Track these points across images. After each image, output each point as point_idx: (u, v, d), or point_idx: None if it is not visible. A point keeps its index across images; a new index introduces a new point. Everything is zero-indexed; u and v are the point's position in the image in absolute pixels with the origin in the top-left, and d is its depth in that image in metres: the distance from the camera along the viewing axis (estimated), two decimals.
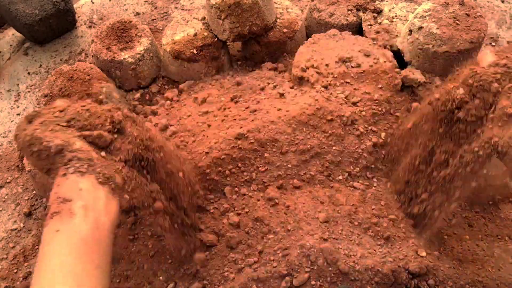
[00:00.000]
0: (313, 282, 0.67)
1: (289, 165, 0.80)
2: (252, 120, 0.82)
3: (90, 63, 1.01)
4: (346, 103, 0.84)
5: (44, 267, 0.43)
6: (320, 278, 0.67)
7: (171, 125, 0.89)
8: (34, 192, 0.88)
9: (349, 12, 1.02)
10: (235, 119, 0.84)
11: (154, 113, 0.95)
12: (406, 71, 0.90)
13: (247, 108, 0.86)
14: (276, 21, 1.00)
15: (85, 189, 0.48)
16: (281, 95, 0.88)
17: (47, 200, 0.50)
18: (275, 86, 0.92)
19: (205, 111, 0.90)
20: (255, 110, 0.85)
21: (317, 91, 0.85)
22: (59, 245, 0.44)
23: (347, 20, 1.00)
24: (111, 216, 0.49)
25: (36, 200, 0.87)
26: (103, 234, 0.47)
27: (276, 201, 0.76)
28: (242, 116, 0.84)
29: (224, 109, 0.89)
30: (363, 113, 0.83)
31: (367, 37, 0.97)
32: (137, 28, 1.01)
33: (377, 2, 1.04)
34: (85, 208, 0.47)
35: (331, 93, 0.85)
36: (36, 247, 0.81)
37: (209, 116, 0.88)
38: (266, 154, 0.79)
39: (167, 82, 1.04)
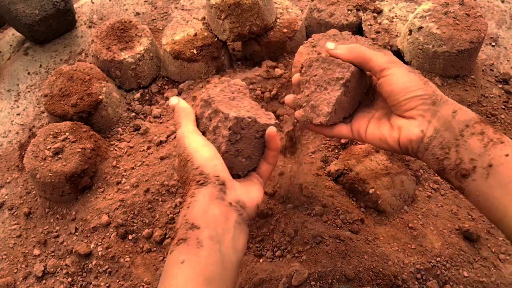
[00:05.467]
0: (312, 283, 0.67)
1: None
2: None
3: (90, 63, 1.01)
4: None
5: None
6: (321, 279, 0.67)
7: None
8: (34, 192, 0.88)
9: (349, 12, 1.02)
10: None
11: (156, 116, 0.96)
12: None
13: None
14: (276, 21, 1.00)
15: (215, 217, 0.46)
16: None
17: (176, 224, 0.48)
18: None
19: None
20: None
21: None
22: (184, 281, 0.42)
23: (347, 20, 1.00)
24: (238, 254, 0.47)
25: (36, 200, 0.87)
26: (228, 274, 0.45)
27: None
28: None
29: None
30: None
31: (367, 37, 0.97)
32: (137, 28, 1.01)
33: (377, 2, 1.04)
34: (212, 239, 0.44)
35: None
36: (36, 247, 0.81)
37: None
38: None
39: (167, 82, 1.04)
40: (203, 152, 0.50)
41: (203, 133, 0.55)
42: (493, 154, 0.45)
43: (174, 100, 0.58)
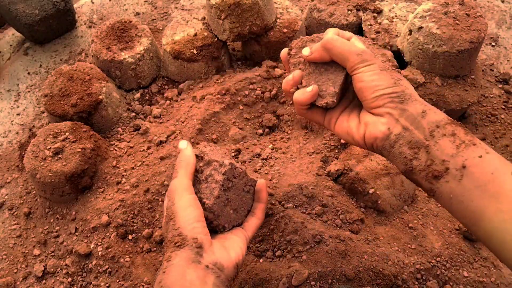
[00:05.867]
0: (312, 283, 0.67)
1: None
2: None
3: (90, 63, 1.01)
4: None
5: None
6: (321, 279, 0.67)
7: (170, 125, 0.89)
8: (34, 192, 0.88)
9: (349, 12, 1.02)
10: None
11: (156, 116, 0.96)
12: (406, 71, 0.90)
13: None
14: (276, 21, 1.00)
15: (192, 282, 0.45)
16: None
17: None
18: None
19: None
20: None
21: None
22: None
23: (347, 20, 1.00)
24: None
25: (36, 200, 0.87)
26: None
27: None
28: None
29: None
30: None
31: (367, 37, 0.97)
32: (137, 28, 1.01)
33: (377, 2, 1.04)
34: None
35: None
36: (36, 247, 0.81)
37: None
38: None
39: (167, 82, 1.04)
40: (188, 213, 0.51)
41: (194, 185, 0.56)
42: (466, 155, 0.44)
43: (182, 145, 0.58)
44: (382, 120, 0.50)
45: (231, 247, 0.53)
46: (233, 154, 0.84)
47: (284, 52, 0.59)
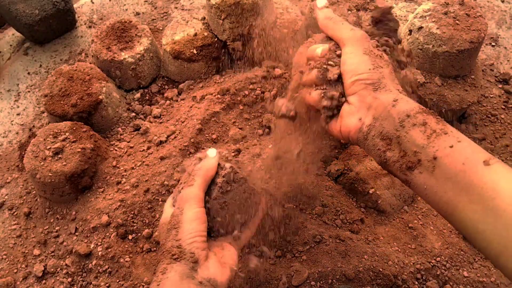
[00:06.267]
0: (312, 283, 0.67)
1: None
2: None
3: (90, 63, 1.01)
4: None
5: None
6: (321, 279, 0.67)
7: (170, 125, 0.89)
8: (34, 192, 0.88)
9: (349, 12, 1.02)
10: None
11: (156, 116, 0.96)
12: (406, 71, 0.90)
13: None
14: (276, 21, 1.00)
15: None
16: None
17: None
18: None
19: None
20: None
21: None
22: None
23: (347, 20, 1.00)
24: None
25: (36, 200, 0.87)
26: None
27: None
28: None
29: None
30: None
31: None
32: (137, 28, 1.01)
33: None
34: None
35: None
36: (36, 247, 0.81)
37: None
38: None
39: (167, 82, 1.04)
40: (193, 226, 0.51)
41: None
42: (437, 145, 0.43)
43: (212, 153, 0.57)
44: (353, 109, 0.49)
45: (226, 261, 0.53)
46: (233, 154, 0.84)
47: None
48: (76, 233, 0.80)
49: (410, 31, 0.89)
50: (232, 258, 0.54)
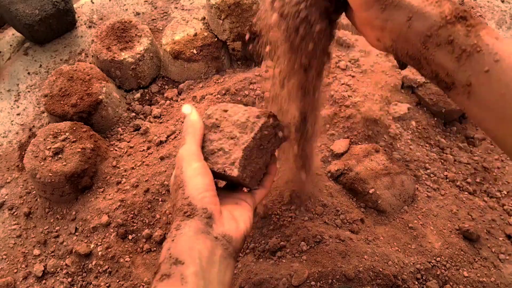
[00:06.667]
0: (312, 283, 0.67)
1: None
2: None
3: (90, 63, 1.01)
4: None
5: None
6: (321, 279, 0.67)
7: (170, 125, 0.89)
8: (34, 192, 0.88)
9: None
10: None
11: (156, 116, 0.96)
12: (406, 71, 0.90)
13: None
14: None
15: (200, 252, 0.44)
16: None
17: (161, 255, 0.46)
18: None
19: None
20: None
21: None
22: None
23: (347, 20, 1.00)
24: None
25: (36, 200, 0.87)
26: None
27: None
28: None
29: None
30: None
31: None
32: (137, 28, 1.01)
33: None
34: (197, 275, 0.42)
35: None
36: (36, 247, 0.81)
37: None
38: None
39: (167, 82, 1.04)
40: (197, 182, 0.49)
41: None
42: (470, 70, 0.36)
43: (186, 109, 0.55)
44: (368, 30, 0.43)
45: (240, 217, 0.51)
46: None
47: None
48: (76, 233, 0.80)
49: None
50: (247, 215, 0.53)
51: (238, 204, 0.54)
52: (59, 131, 0.84)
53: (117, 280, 0.73)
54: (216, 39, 0.99)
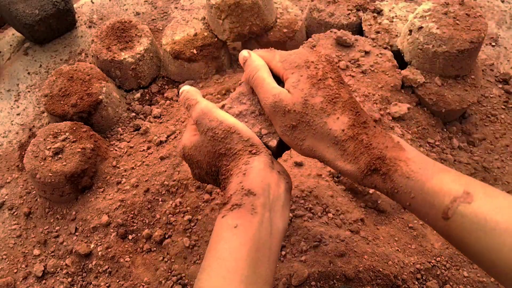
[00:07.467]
0: (312, 283, 0.67)
1: None
2: None
3: (90, 63, 1.01)
4: None
5: (217, 266, 0.42)
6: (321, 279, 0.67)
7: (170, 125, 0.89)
8: (34, 192, 0.88)
9: (349, 12, 1.02)
10: None
11: (156, 116, 0.96)
12: (406, 71, 0.90)
13: None
14: (276, 21, 1.00)
15: (270, 184, 0.46)
16: None
17: (223, 186, 0.48)
18: None
19: None
20: None
21: None
22: (237, 245, 0.42)
23: (347, 20, 1.00)
24: (285, 222, 0.47)
25: (36, 200, 0.87)
26: (275, 243, 0.45)
27: None
28: None
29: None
30: None
31: (367, 37, 0.97)
32: (137, 28, 1.02)
33: (377, 2, 1.04)
34: (265, 207, 0.45)
35: None
36: (36, 247, 0.81)
37: None
38: None
39: (167, 82, 1.04)
40: (243, 125, 0.50)
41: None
42: (400, 201, 0.44)
43: (186, 87, 0.57)
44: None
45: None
46: None
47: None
48: (76, 233, 0.80)
49: (410, 31, 0.89)
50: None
51: None
52: (59, 131, 0.84)
53: (117, 280, 0.73)
54: (216, 39, 0.99)
